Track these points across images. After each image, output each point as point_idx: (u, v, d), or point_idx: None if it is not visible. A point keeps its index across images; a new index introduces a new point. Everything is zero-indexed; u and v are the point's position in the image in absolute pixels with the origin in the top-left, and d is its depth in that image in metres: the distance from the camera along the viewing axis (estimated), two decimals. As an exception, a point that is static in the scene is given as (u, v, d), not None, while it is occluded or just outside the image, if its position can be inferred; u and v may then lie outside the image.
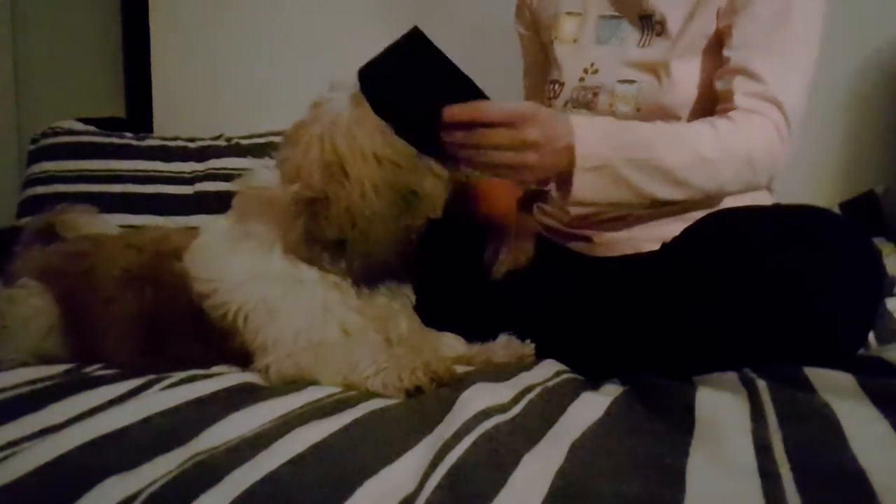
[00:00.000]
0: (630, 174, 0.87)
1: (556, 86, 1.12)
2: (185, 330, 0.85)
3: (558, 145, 0.84)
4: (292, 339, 0.81)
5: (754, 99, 0.93)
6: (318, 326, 0.82)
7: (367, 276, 0.84)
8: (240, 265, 0.83)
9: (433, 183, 0.82)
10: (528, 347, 0.93)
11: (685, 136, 0.91)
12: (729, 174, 0.91)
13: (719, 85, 0.97)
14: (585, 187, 0.87)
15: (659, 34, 1.01)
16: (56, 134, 1.83)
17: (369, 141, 0.79)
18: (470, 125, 0.79)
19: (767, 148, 0.92)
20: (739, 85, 0.94)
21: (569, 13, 1.12)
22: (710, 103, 0.99)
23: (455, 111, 0.78)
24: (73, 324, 0.92)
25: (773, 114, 0.92)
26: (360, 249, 0.80)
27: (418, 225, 0.83)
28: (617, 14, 1.07)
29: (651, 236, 1.00)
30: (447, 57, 0.79)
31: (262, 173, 0.88)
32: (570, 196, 0.87)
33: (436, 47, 0.79)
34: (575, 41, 1.11)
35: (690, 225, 0.88)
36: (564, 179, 0.87)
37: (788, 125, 0.92)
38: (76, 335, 0.92)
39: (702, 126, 0.93)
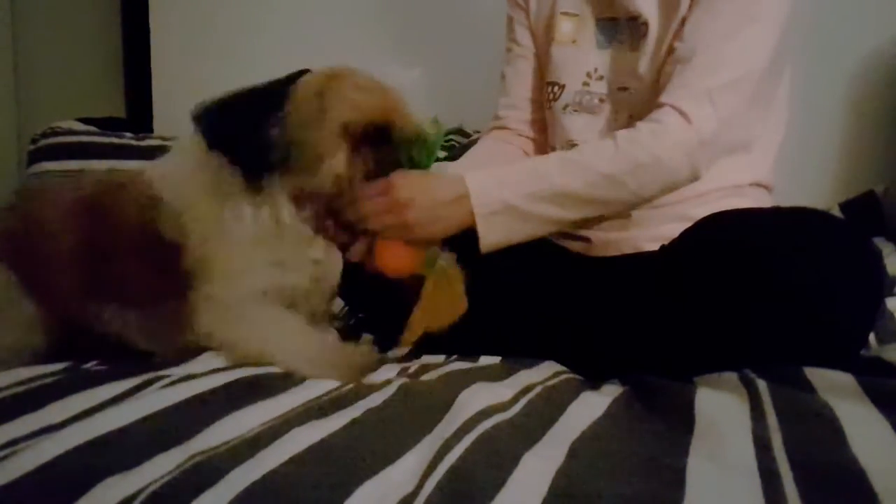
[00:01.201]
0: (534, 207, 0.90)
1: (556, 88, 1.12)
2: (129, 251, 0.86)
3: (443, 197, 0.88)
4: (228, 279, 0.83)
5: (682, 91, 0.92)
6: (257, 270, 0.84)
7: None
8: (201, 180, 0.85)
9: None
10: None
11: (580, 159, 0.92)
12: (637, 182, 0.91)
13: (662, 78, 0.97)
14: (493, 232, 0.90)
15: (644, 36, 1.01)
16: (56, 134, 1.83)
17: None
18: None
19: (680, 146, 0.90)
20: (675, 76, 0.94)
21: (565, 13, 1.11)
22: None
23: None
24: (25, 277, 0.91)
25: (698, 108, 0.91)
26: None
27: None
28: (613, 16, 1.07)
29: (650, 236, 1.00)
30: None
31: None
32: (481, 243, 0.90)
33: None
34: (574, 42, 1.10)
35: (689, 227, 0.88)
36: (473, 230, 0.90)
37: (717, 116, 0.91)
38: (31, 287, 0.91)
39: (600, 144, 0.94)
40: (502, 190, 0.90)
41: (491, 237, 0.90)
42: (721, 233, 0.84)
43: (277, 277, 0.86)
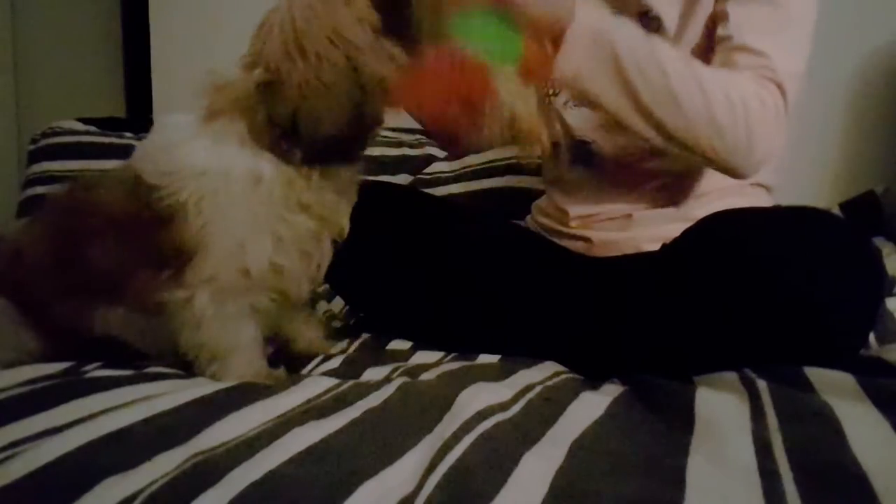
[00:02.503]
0: (626, 59, 0.83)
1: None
2: (105, 238, 0.84)
3: None
4: (227, 259, 0.81)
5: (757, 73, 0.91)
6: (256, 246, 0.81)
7: (315, 154, 0.82)
8: (198, 156, 0.82)
9: (389, 70, 0.80)
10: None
11: (692, 63, 0.88)
12: (721, 112, 0.86)
13: (719, 58, 0.95)
14: (576, 55, 0.82)
15: (656, 31, 1.01)
16: (56, 134, 1.83)
17: (329, 18, 0.78)
18: None
19: (762, 109, 0.88)
20: (742, 60, 0.92)
21: None
22: None
23: None
24: (22, 304, 0.91)
25: (774, 90, 0.90)
26: (308, 122, 0.79)
27: (371, 111, 0.82)
28: (616, 11, 1.06)
29: (651, 236, 1.00)
30: None
31: (228, 72, 0.87)
32: (555, 63, 0.82)
33: None
34: None
35: (690, 227, 0.88)
36: (556, 45, 0.82)
37: (786, 105, 0.91)
38: (27, 311, 0.90)
39: (712, 68, 0.91)
40: (614, 26, 0.83)
41: (571, 59, 0.82)
42: (721, 232, 0.84)
43: (277, 254, 0.83)
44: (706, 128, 0.86)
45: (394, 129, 1.86)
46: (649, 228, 1.02)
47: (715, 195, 1.02)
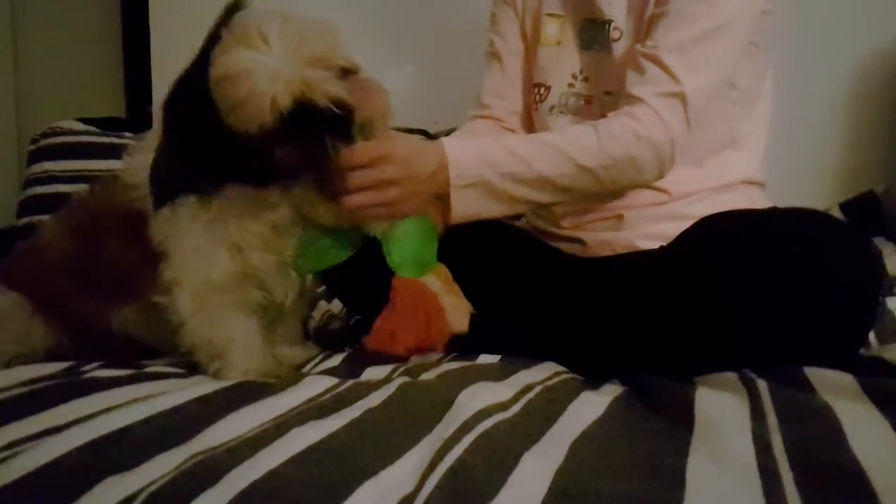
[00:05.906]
0: (509, 187, 0.91)
1: (542, 89, 1.12)
2: (114, 238, 0.87)
3: (425, 172, 0.87)
4: (186, 264, 0.82)
5: (657, 90, 0.92)
6: (210, 255, 0.82)
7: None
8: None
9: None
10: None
11: (562, 147, 0.91)
12: (610, 177, 0.92)
13: (629, 67, 0.96)
14: (464, 204, 0.90)
15: (617, 40, 1.02)
16: (56, 134, 1.83)
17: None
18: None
19: (654, 148, 0.91)
20: (648, 73, 0.93)
21: (550, 14, 1.11)
22: None
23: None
24: (37, 300, 0.94)
25: (671, 109, 0.91)
26: None
27: None
28: (596, 18, 1.06)
29: (644, 234, 1.00)
30: None
31: None
32: (452, 213, 0.91)
33: None
34: (559, 44, 1.10)
35: (688, 228, 0.88)
36: (446, 200, 0.90)
37: (687, 120, 0.92)
38: (41, 307, 0.93)
39: (583, 134, 0.93)
40: (481, 165, 0.90)
41: (461, 209, 0.91)
42: (720, 233, 0.84)
43: (237, 262, 0.84)
44: (599, 187, 0.93)
45: (393, 129, 1.86)
46: (641, 227, 1.02)
47: (706, 193, 1.02)
